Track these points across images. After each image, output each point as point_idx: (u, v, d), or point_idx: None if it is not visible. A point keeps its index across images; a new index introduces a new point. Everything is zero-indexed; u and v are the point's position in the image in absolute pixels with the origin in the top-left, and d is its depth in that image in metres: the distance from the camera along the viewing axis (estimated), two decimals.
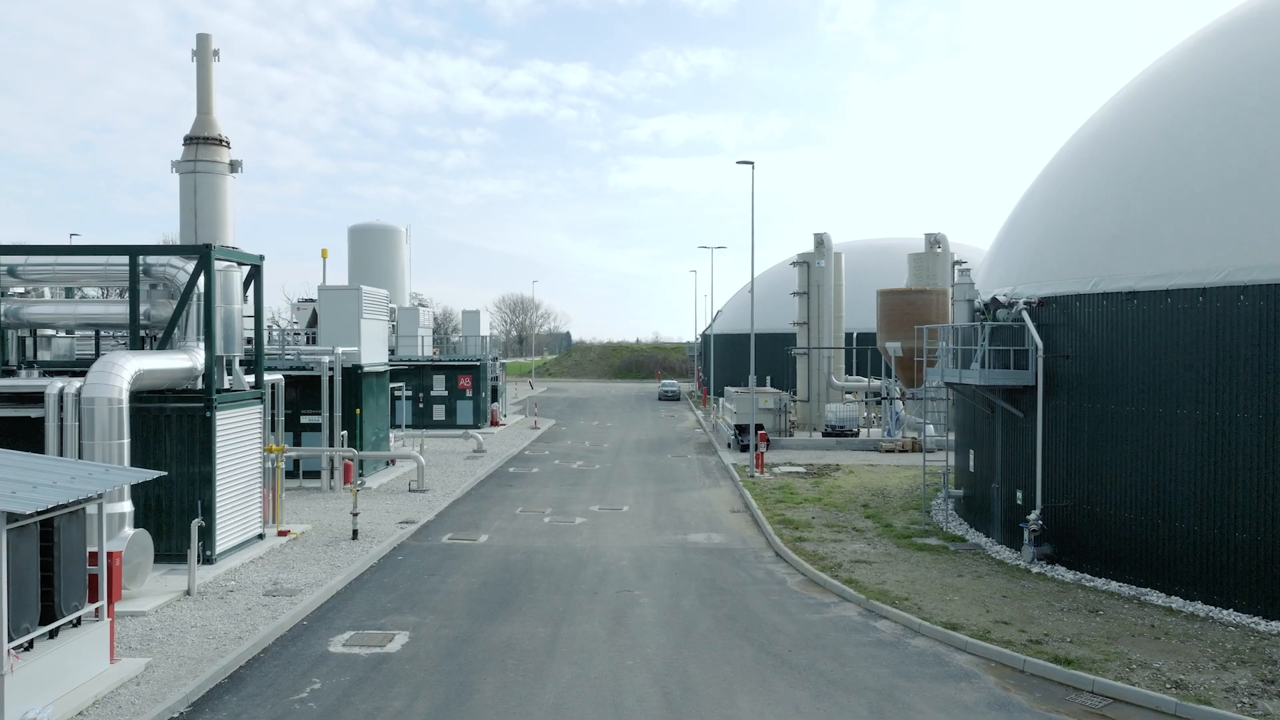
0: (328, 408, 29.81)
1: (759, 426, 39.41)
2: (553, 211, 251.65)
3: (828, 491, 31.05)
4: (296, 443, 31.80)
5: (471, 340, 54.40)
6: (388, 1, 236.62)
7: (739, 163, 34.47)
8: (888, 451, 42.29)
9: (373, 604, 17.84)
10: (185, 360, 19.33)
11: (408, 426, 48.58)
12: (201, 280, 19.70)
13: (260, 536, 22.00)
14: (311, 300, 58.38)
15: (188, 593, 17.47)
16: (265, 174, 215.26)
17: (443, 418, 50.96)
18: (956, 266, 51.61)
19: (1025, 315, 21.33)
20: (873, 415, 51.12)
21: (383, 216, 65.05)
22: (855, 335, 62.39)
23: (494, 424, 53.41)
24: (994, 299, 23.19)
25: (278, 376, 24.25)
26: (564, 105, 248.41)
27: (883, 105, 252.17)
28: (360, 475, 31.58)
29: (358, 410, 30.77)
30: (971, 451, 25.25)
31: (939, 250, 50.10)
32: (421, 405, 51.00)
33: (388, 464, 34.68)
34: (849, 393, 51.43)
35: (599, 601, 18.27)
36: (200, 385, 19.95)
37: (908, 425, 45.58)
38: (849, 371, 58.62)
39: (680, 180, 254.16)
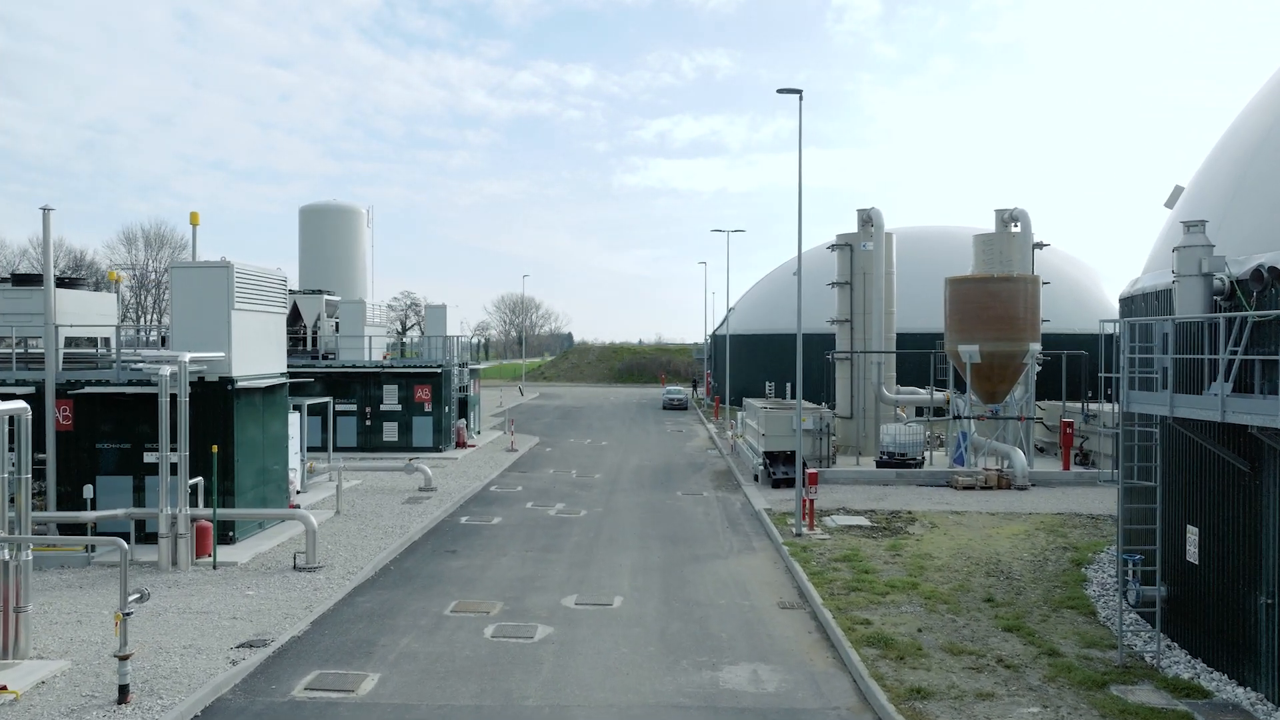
0: (168, 442, 19.76)
1: (794, 456, 28.50)
2: (556, 213, 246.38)
3: (917, 566, 20.97)
4: (138, 490, 21.78)
5: (435, 341, 44.35)
6: (393, 2, 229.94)
7: (781, 91, 24.44)
8: (965, 488, 32.18)
9: None
10: None
11: (342, 450, 38.61)
12: None
13: None
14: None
15: None
16: (269, 175, 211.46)
17: (395, 437, 40.87)
18: (1038, 249, 41.70)
19: None
20: (931, 435, 40.84)
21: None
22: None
23: (461, 445, 43.28)
24: (1261, 271, 13.15)
25: (17, 404, 14.18)
26: (569, 106, 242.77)
27: (889, 106, 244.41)
28: (226, 541, 21.57)
29: (214, 447, 20.68)
30: (1193, 529, 15.13)
31: (1016, 230, 39.91)
32: (369, 422, 40.94)
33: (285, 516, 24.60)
34: (900, 406, 41.17)
35: None
36: None
37: (986, 450, 35.45)
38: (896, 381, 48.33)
39: (685, 181, 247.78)
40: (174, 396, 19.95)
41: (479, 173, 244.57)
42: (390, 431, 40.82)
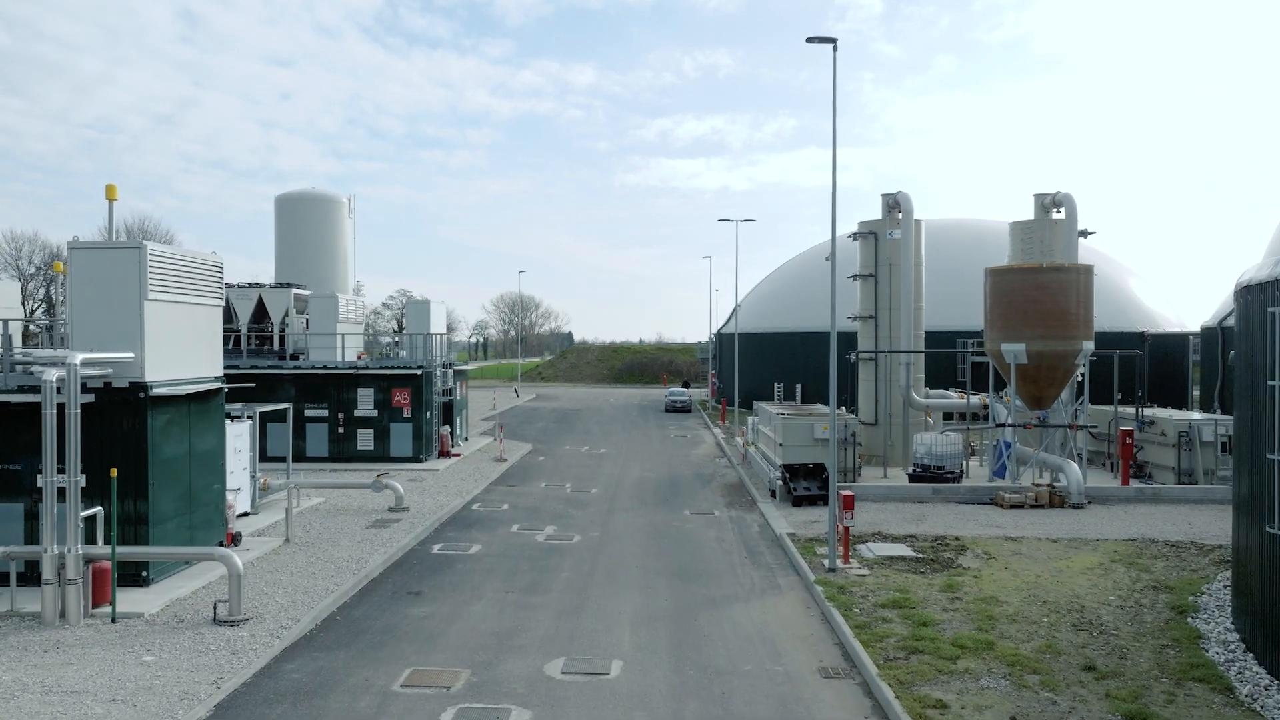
0: (54, 463, 15.83)
1: (818, 472, 24.55)
2: (558, 212, 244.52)
3: (984, 614, 17.02)
4: (31, 520, 17.85)
5: (416, 340, 40.42)
6: (395, 1, 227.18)
7: (811, 40, 20.51)
8: (1013, 507, 28.22)
9: None
10: None
11: (312, 460, 34.77)
12: None
13: None
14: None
15: None
16: (271, 175, 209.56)
17: (371, 446, 36.92)
18: (1083, 238, 37.80)
19: None
20: (966, 444, 36.79)
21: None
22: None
23: (444, 454, 39.33)
24: None
25: None
26: (571, 105, 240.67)
27: (891, 105, 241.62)
28: (138, 582, 17.65)
29: (113, 471, 16.71)
30: None
31: (1059, 216, 36.05)
32: (342, 429, 37.00)
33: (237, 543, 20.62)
34: (929, 411, 37.22)
35: None
36: None
37: (1034, 462, 31.53)
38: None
39: (687, 181, 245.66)
40: (66, 406, 16.04)
41: (480, 172, 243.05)
42: (365, 439, 36.88)
